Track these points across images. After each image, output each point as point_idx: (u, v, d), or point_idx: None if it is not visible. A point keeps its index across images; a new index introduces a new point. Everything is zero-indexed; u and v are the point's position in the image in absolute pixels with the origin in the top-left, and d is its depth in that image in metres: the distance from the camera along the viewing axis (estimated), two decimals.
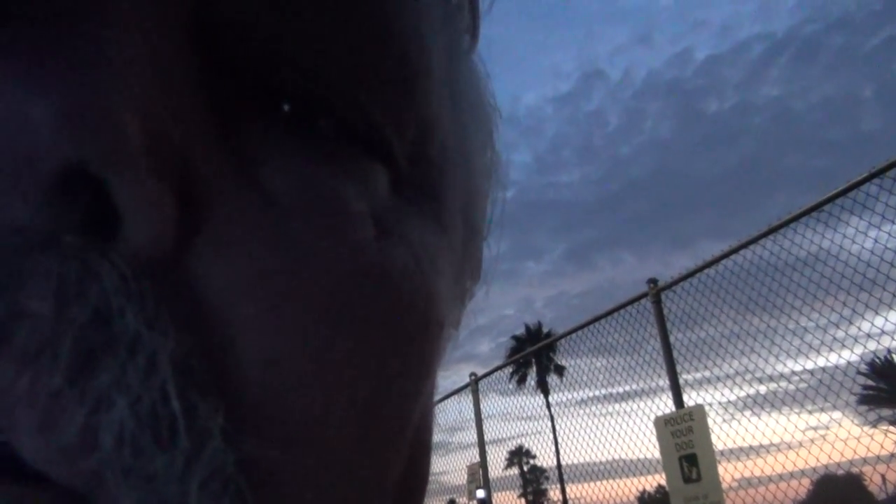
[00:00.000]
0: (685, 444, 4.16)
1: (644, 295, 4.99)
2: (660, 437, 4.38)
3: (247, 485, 0.19)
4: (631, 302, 5.20)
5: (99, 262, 0.18)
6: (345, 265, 0.23)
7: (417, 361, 0.26)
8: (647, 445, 5.05)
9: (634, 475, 5.64)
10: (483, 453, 6.89)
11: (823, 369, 4.21)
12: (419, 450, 0.29)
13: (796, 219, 4.12)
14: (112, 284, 0.18)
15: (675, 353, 4.74)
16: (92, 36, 0.18)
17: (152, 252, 0.19)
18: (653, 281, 4.95)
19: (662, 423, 4.37)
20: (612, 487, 5.85)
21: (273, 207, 0.22)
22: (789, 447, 4.45)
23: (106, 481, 0.17)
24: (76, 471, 0.17)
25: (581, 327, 5.84)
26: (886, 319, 3.97)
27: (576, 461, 6.27)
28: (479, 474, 6.83)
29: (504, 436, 7.52)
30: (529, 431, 7.54)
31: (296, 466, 0.21)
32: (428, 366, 0.26)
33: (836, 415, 4.13)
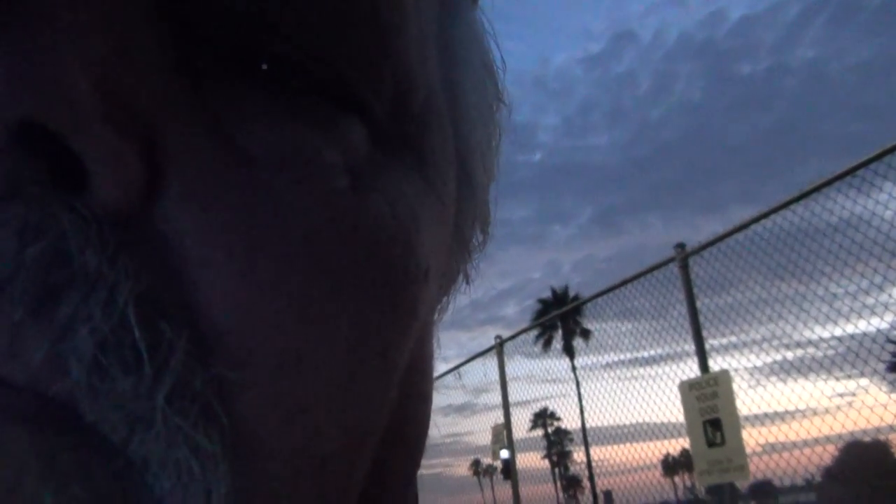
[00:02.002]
0: (709, 409, 4.16)
1: (671, 259, 4.96)
2: (684, 402, 4.38)
3: (219, 402, 0.21)
4: (658, 266, 5.17)
5: (61, 208, 0.19)
6: (318, 213, 0.24)
7: (398, 305, 0.26)
8: (671, 410, 5.06)
9: (658, 439, 5.66)
10: (507, 415, 6.94)
11: (852, 336, 4.17)
12: (416, 397, 0.30)
13: (828, 183, 4.04)
14: (72, 227, 0.19)
15: (701, 319, 4.72)
16: (45, 1, 0.19)
17: (117, 203, 0.20)
18: (680, 245, 4.91)
19: (687, 388, 4.37)
20: (637, 451, 5.88)
21: (246, 161, 0.23)
22: (815, 413, 4.43)
23: (78, 401, 0.19)
24: (51, 394, 0.19)
25: (607, 291, 5.82)
26: None
27: (600, 424, 6.31)
28: (503, 435, 6.90)
29: (529, 398, 7.56)
30: (554, 394, 7.59)
31: (273, 398, 0.22)
32: (411, 310, 0.27)
33: (864, 382, 4.10)
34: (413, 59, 0.28)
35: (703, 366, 4.58)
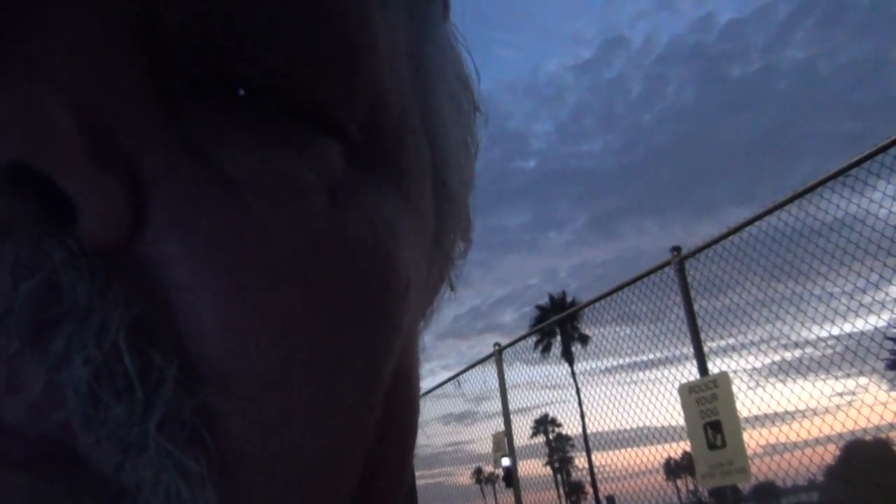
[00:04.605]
0: (710, 412, 4.16)
1: (667, 263, 4.96)
2: (684, 405, 4.38)
3: (205, 428, 0.21)
4: (654, 270, 5.17)
5: (51, 245, 0.20)
6: (298, 234, 0.24)
7: (381, 319, 0.27)
8: (672, 413, 5.05)
9: (660, 443, 5.65)
10: (508, 422, 6.93)
11: (850, 335, 4.18)
12: (402, 403, 0.31)
13: (822, 183, 4.06)
14: (63, 262, 0.20)
15: (699, 321, 4.72)
16: (21, 46, 0.20)
17: (105, 236, 0.21)
18: (676, 249, 4.92)
19: (687, 391, 4.37)
20: (638, 455, 5.87)
21: (227, 185, 0.24)
22: (815, 413, 4.43)
23: (74, 431, 0.19)
24: (47, 425, 0.19)
25: (605, 296, 5.83)
26: None
27: (601, 429, 6.30)
28: (504, 443, 6.89)
29: (529, 405, 7.56)
30: (555, 400, 7.55)
31: (255, 416, 0.23)
32: (394, 322, 0.28)
33: (863, 380, 4.10)
34: (385, 76, 0.28)
35: (703, 368, 4.58)
